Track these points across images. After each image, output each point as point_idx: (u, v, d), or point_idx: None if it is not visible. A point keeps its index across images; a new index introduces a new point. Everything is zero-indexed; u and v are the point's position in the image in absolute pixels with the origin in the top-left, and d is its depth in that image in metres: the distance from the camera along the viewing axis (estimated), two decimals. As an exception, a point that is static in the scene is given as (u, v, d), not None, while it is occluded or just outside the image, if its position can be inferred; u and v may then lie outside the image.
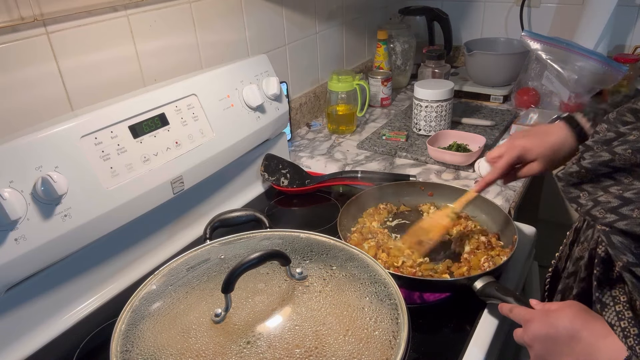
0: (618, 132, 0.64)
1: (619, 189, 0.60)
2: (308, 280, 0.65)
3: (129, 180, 0.81)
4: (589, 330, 0.59)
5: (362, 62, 1.84)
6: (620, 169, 0.61)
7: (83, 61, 0.89)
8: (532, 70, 1.54)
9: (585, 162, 0.64)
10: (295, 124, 1.50)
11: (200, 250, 0.74)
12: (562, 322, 0.61)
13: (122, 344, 0.58)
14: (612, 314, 0.61)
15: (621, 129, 0.65)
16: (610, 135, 0.65)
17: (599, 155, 0.63)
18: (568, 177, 0.66)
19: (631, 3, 1.60)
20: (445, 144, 1.29)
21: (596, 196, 0.62)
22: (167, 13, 1.03)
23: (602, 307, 0.63)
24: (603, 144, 0.65)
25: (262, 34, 1.30)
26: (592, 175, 0.64)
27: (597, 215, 0.59)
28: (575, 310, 0.62)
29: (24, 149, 0.69)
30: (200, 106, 0.95)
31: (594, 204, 0.61)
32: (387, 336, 0.58)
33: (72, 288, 0.82)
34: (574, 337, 0.60)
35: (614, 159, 0.61)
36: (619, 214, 0.56)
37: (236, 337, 0.57)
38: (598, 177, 0.63)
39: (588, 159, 0.64)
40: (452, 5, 1.90)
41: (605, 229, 0.58)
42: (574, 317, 0.61)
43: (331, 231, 0.87)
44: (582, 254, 0.72)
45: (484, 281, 0.77)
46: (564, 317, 0.62)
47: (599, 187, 0.63)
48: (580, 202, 0.64)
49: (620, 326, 0.58)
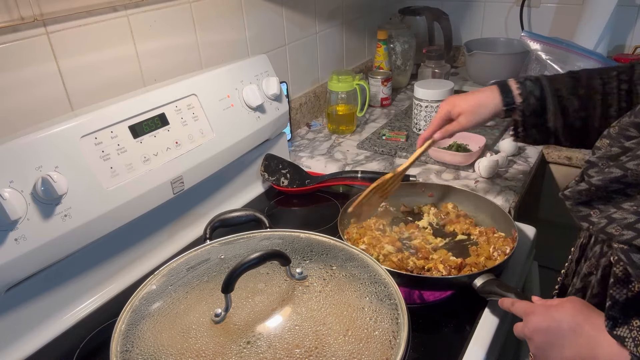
0: (624, 147, 0.63)
1: (632, 205, 0.58)
2: (308, 280, 0.65)
3: (129, 180, 0.81)
4: (591, 323, 0.60)
5: (362, 62, 1.84)
6: (632, 184, 0.59)
7: (83, 61, 0.89)
8: (532, 71, 1.54)
9: (595, 180, 0.62)
10: (295, 124, 1.50)
11: (200, 250, 0.74)
12: (564, 316, 0.62)
13: (122, 344, 0.58)
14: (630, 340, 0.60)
15: (626, 143, 0.63)
16: (615, 151, 0.63)
17: (610, 172, 0.61)
18: (577, 195, 0.65)
19: (631, 3, 1.60)
20: (445, 143, 1.29)
21: (609, 213, 0.60)
22: (167, 13, 1.03)
23: (614, 324, 0.61)
24: (609, 160, 0.63)
25: (262, 34, 1.30)
26: (603, 192, 0.62)
27: (614, 232, 0.57)
28: (576, 304, 0.63)
29: (24, 149, 0.69)
30: (200, 106, 0.95)
31: (608, 222, 0.59)
32: (387, 336, 0.58)
33: (72, 288, 0.82)
34: (575, 330, 0.60)
35: (626, 175, 0.59)
36: (636, 230, 0.55)
37: (236, 337, 0.57)
38: (609, 194, 0.62)
39: (596, 176, 0.63)
40: (452, 5, 1.90)
41: (624, 247, 0.56)
42: (575, 311, 0.62)
43: (331, 231, 0.87)
44: (590, 269, 0.71)
45: (484, 279, 0.78)
46: (565, 311, 0.62)
47: (610, 204, 0.61)
48: (591, 220, 0.62)
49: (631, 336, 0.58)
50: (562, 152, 1.32)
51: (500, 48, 1.74)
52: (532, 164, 1.24)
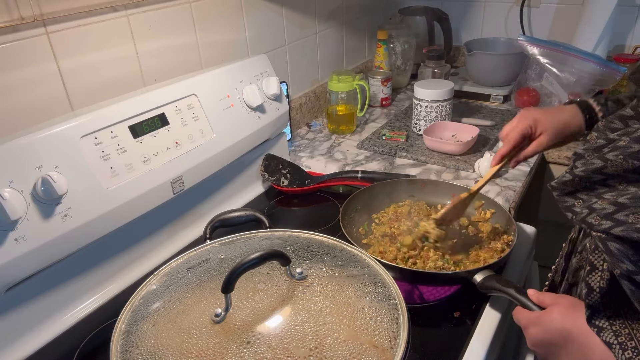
0: (608, 139, 0.64)
1: (613, 195, 0.60)
2: (308, 280, 0.65)
3: (129, 180, 0.81)
4: (578, 327, 0.60)
5: (362, 62, 1.84)
6: (613, 175, 0.61)
7: (83, 61, 0.89)
8: (532, 71, 1.54)
9: (578, 170, 0.64)
10: (295, 124, 1.50)
11: (200, 250, 0.74)
12: (554, 325, 0.62)
13: (122, 344, 0.58)
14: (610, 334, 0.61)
15: (610, 135, 0.64)
16: (600, 143, 0.65)
17: (591, 163, 0.62)
18: (562, 186, 0.66)
19: (631, 3, 1.60)
20: (441, 135, 1.30)
21: (591, 203, 0.61)
22: (167, 13, 1.03)
23: (592, 312, 0.62)
24: (594, 151, 0.65)
25: (262, 34, 1.30)
26: (586, 183, 0.63)
27: (593, 222, 0.58)
28: (563, 308, 0.63)
29: (24, 149, 0.69)
30: (200, 106, 0.95)
31: (589, 212, 0.60)
32: (387, 336, 0.58)
33: (72, 288, 0.82)
34: (567, 338, 0.61)
35: (606, 166, 0.60)
36: (614, 220, 0.55)
37: (236, 337, 0.57)
38: (592, 185, 0.63)
39: (580, 167, 0.64)
40: (452, 5, 1.90)
41: (602, 236, 0.57)
42: (563, 317, 0.62)
43: (331, 231, 0.87)
44: (580, 264, 0.72)
45: (484, 274, 0.78)
46: (554, 320, 0.63)
47: (593, 194, 0.63)
48: (575, 210, 0.63)
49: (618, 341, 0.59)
50: (562, 152, 1.32)
51: (500, 48, 1.74)
52: (532, 164, 1.24)
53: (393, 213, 1.00)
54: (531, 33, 1.81)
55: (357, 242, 0.93)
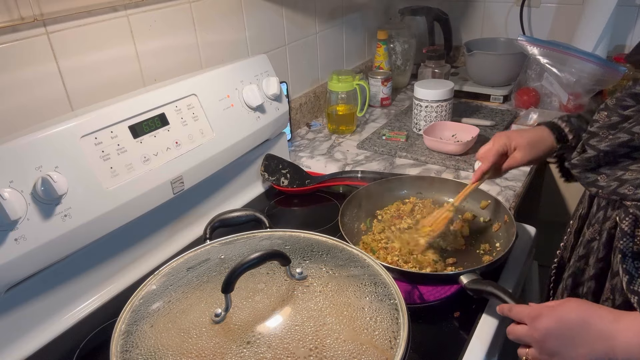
0: (623, 115, 0.68)
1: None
2: (308, 280, 0.65)
3: (129, 180, 0.81)
4: (598, 316, 0.61)
5: (362, 62, 1.84)
6: (638, 147, 0.65)
7: (83, 61, 0.89)
8: (532, 71, 1.54)
9: (603, 146, 0.67)
10: (295, 124, 1.50)
11: (200, 250, 0.74)
12: (571, 314, 0.62)
13: (122, 344, 0.58)
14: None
15: (625, 112, 0.68)
16: (615, 119, 0.69)
17: (617, 137, 0.66)
18: (585, 163, 0.70)
19: (631, 3, 1.60)
20: (441, 135, 1.30)
21: (618, 175, 0.65)
22: (167, 13, 1.03)
23: (630, 278, 0.64)
24: (609, 128, 0.69)
25: (262, 34, 1.30)
26: (611, 157, 0.67)
27: (627, 192, 0.63)
28: (577, 302, 0.64)
29: (24, 149, 0.69)
30: (200, 106, 0.95)
31: (619, 183, 0.64)
32: (387, 336, 0.58)
33: (72, 288, 0.82)
34: (583, 326, 0.61)
35: (633, 139, 0.64)
36: None
37: (236, 337, 0.57)
38: (616, 159, 0.67)
39: (603, 143, 0.68)
40: (452, 5, 1.90)
41: (639, 204, 0.61)
42: (579, 307, 0.63)
43: (331, 231, 0.87)
44: (593, 235, 0.74)
45: (469, 277, 0.77)
46: (570, 309, 0.63)
47: (617, 167, 0.67)
48: (599, 184, 0.67)
49: None
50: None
51: (500, 48, 1.74)
52: (532, 164, 1.24)
53: (395, 210, 1.00)
54: (531, 33, 1.81)
55: (357, 237, 0.93)
